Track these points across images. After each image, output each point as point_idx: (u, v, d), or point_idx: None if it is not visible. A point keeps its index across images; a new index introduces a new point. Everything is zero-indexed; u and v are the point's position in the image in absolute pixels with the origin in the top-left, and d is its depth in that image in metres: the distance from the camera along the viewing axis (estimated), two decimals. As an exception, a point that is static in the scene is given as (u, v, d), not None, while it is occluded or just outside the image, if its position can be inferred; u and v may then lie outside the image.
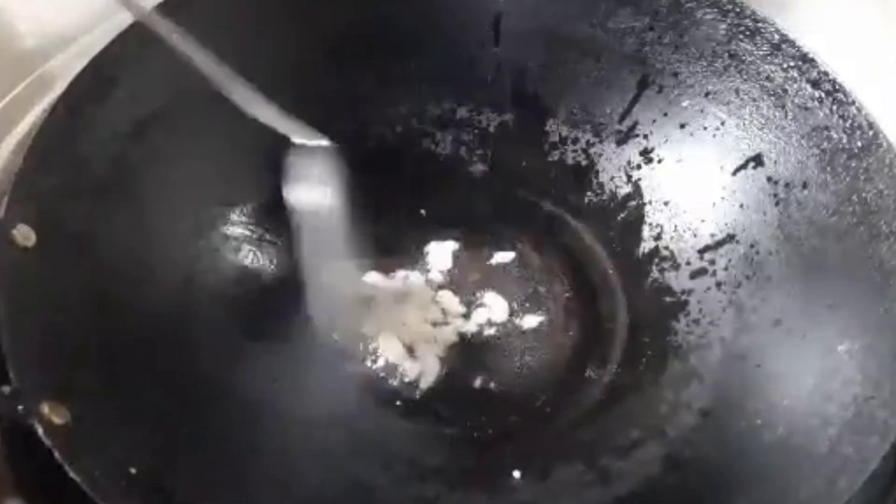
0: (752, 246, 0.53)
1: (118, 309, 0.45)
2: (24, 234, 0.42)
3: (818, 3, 0.58)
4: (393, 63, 0.57)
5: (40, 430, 0.37)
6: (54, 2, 0.56)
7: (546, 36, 0.57)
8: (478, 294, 0.56)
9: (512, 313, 0.55)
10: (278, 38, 0.53)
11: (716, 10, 0.53)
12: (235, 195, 0.54)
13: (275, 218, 0.55)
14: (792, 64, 0.51)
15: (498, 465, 0.49)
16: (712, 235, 0.55)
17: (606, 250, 0.58)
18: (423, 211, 0.59)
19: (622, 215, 0.58)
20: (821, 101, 0.50)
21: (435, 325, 0.55)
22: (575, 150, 0.59)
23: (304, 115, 0.55)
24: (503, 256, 0.58)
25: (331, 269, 0.50)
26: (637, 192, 0.58)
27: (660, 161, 0.57)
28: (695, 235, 0.55)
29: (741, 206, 0.54)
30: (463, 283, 0.57)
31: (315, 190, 0.47)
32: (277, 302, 0.53)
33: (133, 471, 0.39)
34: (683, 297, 0.54)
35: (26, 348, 0.39)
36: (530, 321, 0.55)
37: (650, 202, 0.58)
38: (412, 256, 0.57)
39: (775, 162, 0.52)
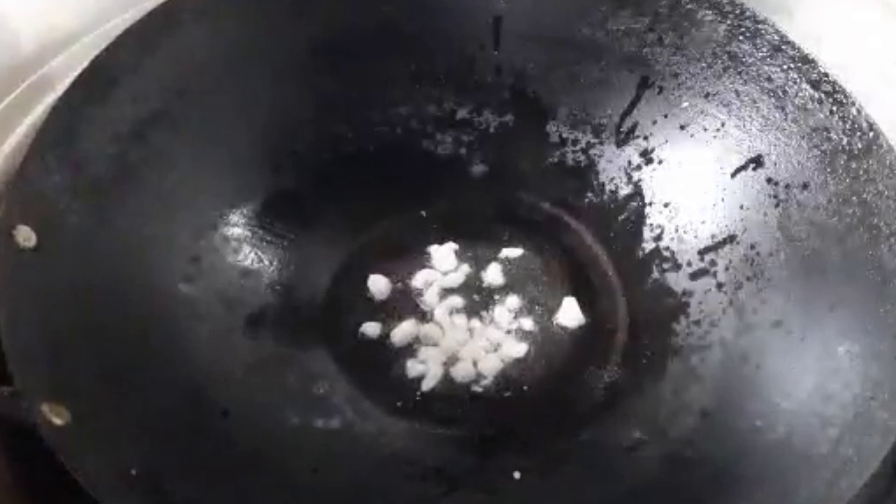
0: (752, 247, 0.53)
1: (118, 309, 0.46)
2: (24, 235, 0.42)
3: (819, 5, 0.59)
4: (393, 63, 0.57)
5: (40, 431, 0.37)
6: (54, 2, 0.56)
7: (546, 37, 0.57)
8: (479, 295, 0.56)
9: (512, 314, 0.55)
10: (279, 39, 0.53)
11: (716, 11, 0.53)
12: (235, 195, 0.54)
13: (275, 218, 0.55)
14: (792, 65, 0.51)
15: (498, 465, 0.49)
16: (713, 236, 0.55)
17: (606, 251, 0.58)
18: (423, 212, 0.59)
19: (622, 216, 0.58)
20: (821, 102, 0.50)
21: (437, 326, 0.55)
22: (575, 151, 0.59)
23: (305, 115, 0.56)
24: (503, 257, 0.58)
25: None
26: (637, 193, 0.58)
27: (660, 162, 0.57)
28: (695, 236, 0.55)
29: (741, 207, 0.54)
30: (464, 284, 0.57)
31: None
32: (277, 302, 0.53)
33: (133, 471, 0.39)
34: (684, 298, 0.54)
35: (26, 348, 0.39)
36: (530, 322, 0.55)
37: (650, 203, 0.58)
38: (413, 258, 0.57)
39: (775, 163, 0.52)
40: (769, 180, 0.52)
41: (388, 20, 0.55)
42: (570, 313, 0.55)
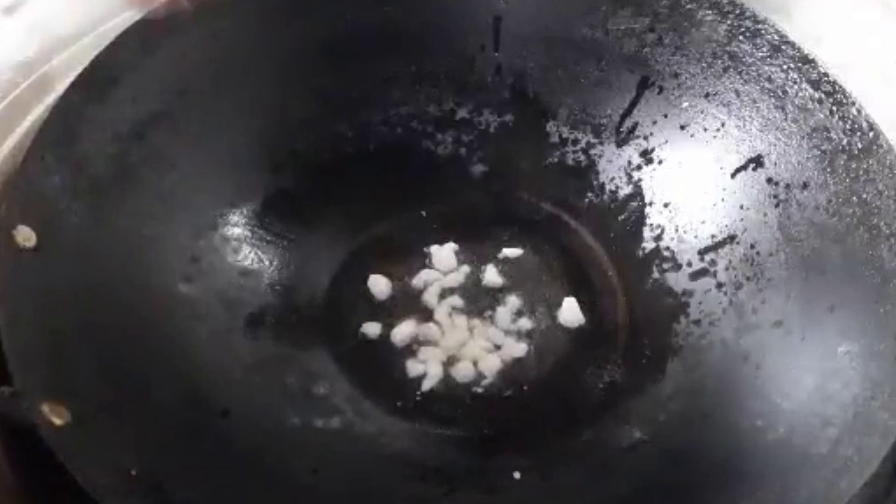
0: (752, 247, 0.53)
1: (118, 309, 0.45)
2: (25, 235, 0.42)
3: (819, 5, 0.59)
4: (393, 63, 0.57)
5: (40, 431, 0.37)
6: (55, 2, 0.56)
7: (546, 37, 0.57)
8: (479, 295, 0.56)
9: (512, 314, 0.55)
10: (278, 38, 0.54)
11: (716, 11, 0.53)
12: (235, 195, 0.54)
13: (275, 218, 0.55)
14: (792, 65, 0.51)
15: (498, 465, 0.49)
16: (713, 236, 0.55)
17: (607, 251, 0.58)
18: (423, 212, 0.59)
19: (623, 216, 0.58)
20: (821, 102, 0.50)
21: (437, 326, 0.55)
22: (575, 151, 0.59)
23: (305, 115, 0.56)
24: (503, 257, 0.58)
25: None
26: (637, 193, 0.58)
27: (660, 162, 0.57)
28: (695, 236, 0.55)
29: (741, 207, 0.54)
30: (464, 284, 0.57)
31: None
32: (277, 302, 0.53)
33: (133, 471, 0.39)
34: (684, 298, 0.54)
35: (26, 348, 0.39)
36: (530, 322, 0.55)
37: (651, 203, 0.58)
38: (413, 258, 0.57)
39: (775, 163, 0.52)
40: (769, 180, 0.52)
41: (389, 20, 0.55)
42: (570, 313, 0.55)
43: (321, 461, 0.47)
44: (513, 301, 0.56)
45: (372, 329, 0.54)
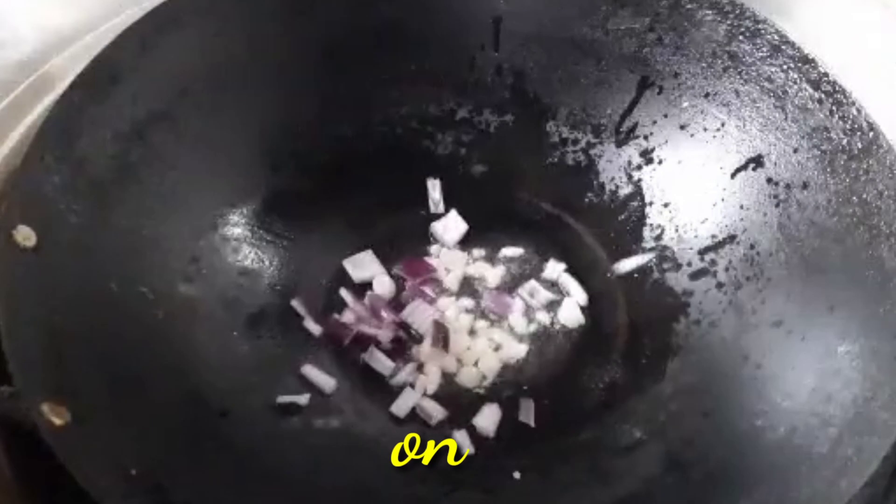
0: (752, 247, 0.53)
1: (118, 309, 0.45)
2: (25, 235, 0.42)
3: (819, 5, 0.58)
4: (393, 64, 0.57)
5: (40, 431, 0.37)
6: (54, 2, 0.56)
7: (546, 37, 0.57)
8: (479, 296, 0.57)
9: (513, 314, 0.55)
10: (279, 39, 0.53)
11: (716, 11, 0.53)
12: (235, 195, 0.54)
13: (275, 218, 0.55)
14: (792, 65, 0.51)
15: (498, 465, 0.49)
16: (713, 236, 0.55)
17: (607, 251, 0.58)
18: (423, 212, 0.59)
19: (623, 216, 0.58)
20: (821, 102, 0.50)
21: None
22: (575, 151, 0.59)
23: (305, 115, 0.56)
24: (503, 257, 0.58)
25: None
26: (638, 192, 0.58)
27: (660, 162, 0.57)
28: (695, 236, 0.55)
29: (741, 206, 0.54)
30: (464, 284, 0.57)
31: None
32: (277, 302, 0.53)
33: (133, 471, 0.39)
34: (684, 298, 0.54)
35: (26, 349, 0.39)
36: (531, 322, 0.55)
37: (650, 203, 0.58)
38: (413, 257, 0.57)
39: (775, 163, 0.52)
40: (769, 180, 0.52)
41: (389, 21, 0.55)
42: (570, 313, 0.56)
43: (321, 461, 0.47)
44: (512, 302, 0.56)
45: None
